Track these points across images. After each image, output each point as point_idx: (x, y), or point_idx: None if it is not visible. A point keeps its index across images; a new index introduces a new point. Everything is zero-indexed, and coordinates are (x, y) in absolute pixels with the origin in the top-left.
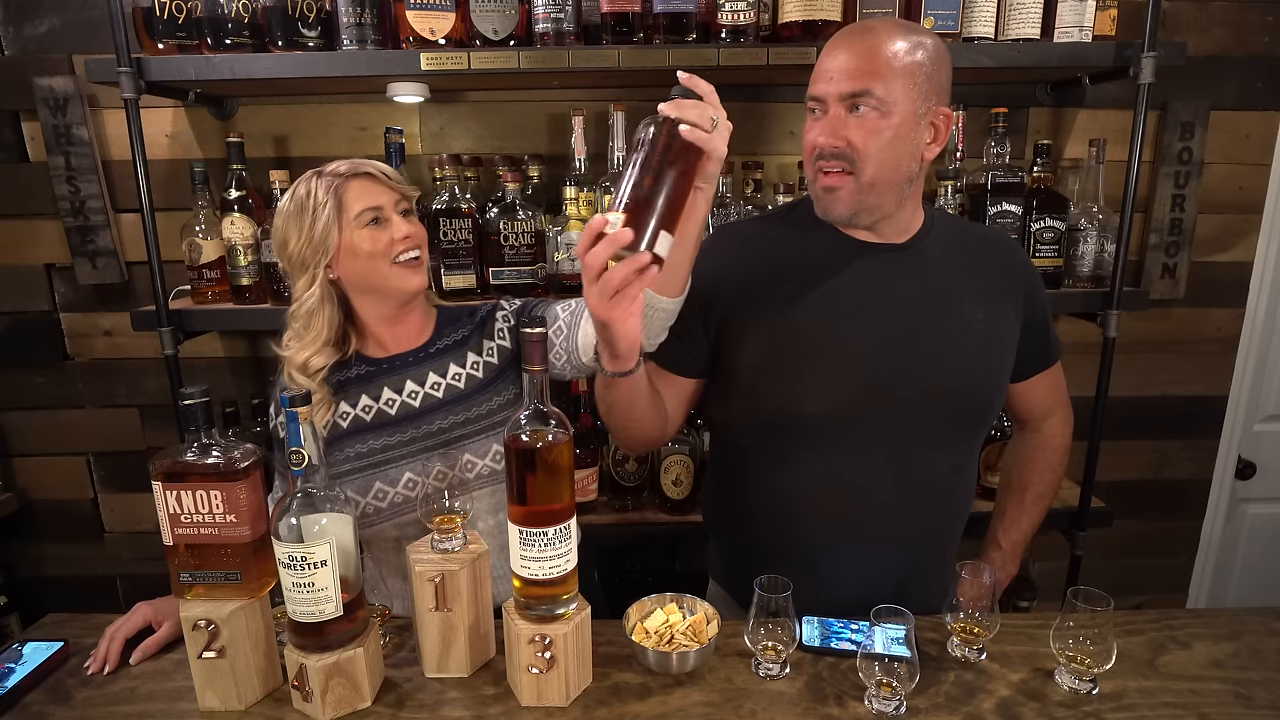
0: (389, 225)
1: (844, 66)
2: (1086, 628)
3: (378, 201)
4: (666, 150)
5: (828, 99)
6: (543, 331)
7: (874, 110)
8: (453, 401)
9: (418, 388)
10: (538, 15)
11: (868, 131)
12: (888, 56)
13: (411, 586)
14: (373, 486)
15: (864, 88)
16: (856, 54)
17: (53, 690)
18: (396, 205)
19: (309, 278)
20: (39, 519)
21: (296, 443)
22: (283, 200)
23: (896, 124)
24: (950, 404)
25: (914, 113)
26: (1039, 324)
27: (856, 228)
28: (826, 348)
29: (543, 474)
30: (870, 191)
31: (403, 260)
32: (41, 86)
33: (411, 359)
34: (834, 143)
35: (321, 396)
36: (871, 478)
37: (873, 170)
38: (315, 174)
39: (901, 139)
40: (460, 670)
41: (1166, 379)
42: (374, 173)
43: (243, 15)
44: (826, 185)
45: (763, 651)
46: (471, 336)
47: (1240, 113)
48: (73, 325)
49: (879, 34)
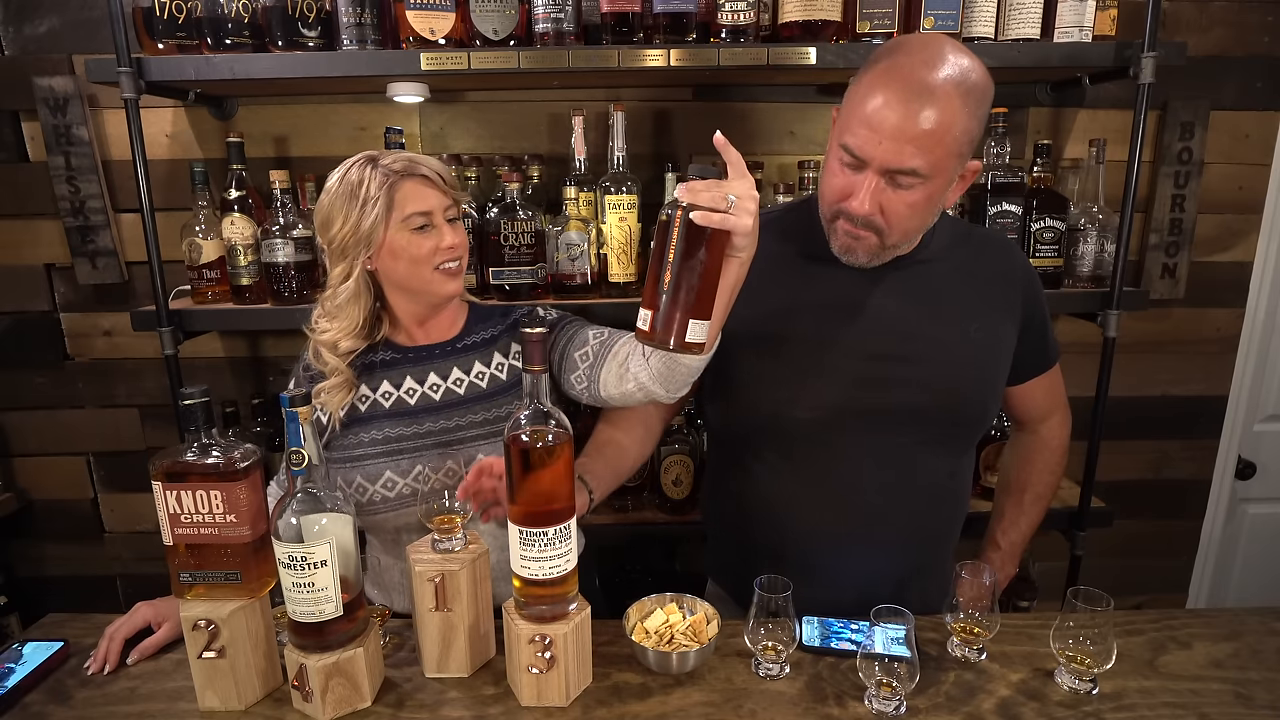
0: (436, 231)
1: (896, 133)
2: (1086, 628)
3: (429, 206)
4: (684, 239)
5: (869, 162)
6: (543, 331)
7: (917, 185)
8: (472, 400)
9: (440, 381)
10: (538, 15)
11: (905, 204)
12: (942, 124)
13: (411, 586)
14: (383, 474)
15: (912, 166)
16: (914, 125)
17: (53, 690)
18: (446, 211)
19: (346, 267)
20: (39, 519)
21: (296, 443)
22: (331, 179)
23: (933, 190)
24: (944, 412)
25: (951, 177)
26: (1037, 326)
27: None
28: (818, 354)
29: (543, 474)
30: (892, 249)
31: (443, 267)
32: (41, 86)
33: (438, 351)
34: (868, 212)
35: (345, 379)
36: (866, 482)
37: (898, 235)
38: (369, 161)
39: (933, 203)
40: (460, 670)
41: (1166, 379)
42: (429, 175)
43: (243, 15)
44: (849, 238)
45: (763, 651)
46: (500, 337)
47: (1240, 113)
48: (73, 325)
49: (940, 101)
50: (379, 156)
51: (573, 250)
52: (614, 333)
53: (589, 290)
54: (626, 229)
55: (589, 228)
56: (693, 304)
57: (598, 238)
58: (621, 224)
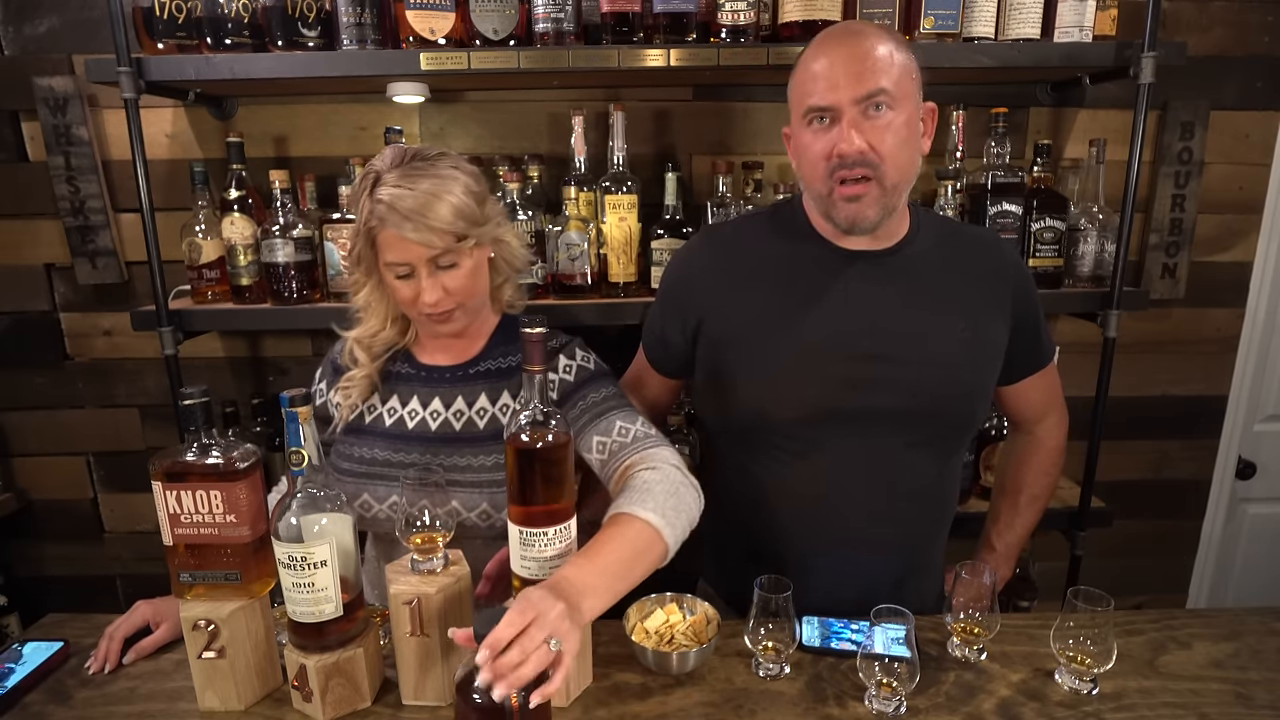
0: (416, 283)
1: (851, 69)
2: (1086, 628)
3: (408, 259)
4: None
5: (840, 105)
6: (543, 331)
7: (890, 109)
8: (463, 440)
9: (441, 409)
10: (538, 15)
11: (888, 132)
12: (886, 54)
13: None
14: (360, 496)
15: (879, 86)
16: (858, 55)
17: (53, 690)
18: (434, 259)
19: (361, 275)
20: (39, 519)
21: (296, 443)
22: (355, 181)
23: (906, 119)
24: (930, 414)
25: (916, 103)
26: (1030, 326)
27: (861, 234)
28: (801, 354)
29: (543, 474)
30: (894, 193)
31: (430, 314)
32: (41, 86)
33: (449, 375)
34: (859, 148)
35: (369, 378)
36: (852, 483)
37: (895, 173)
38: (373, 182)
39: (913, 135)
40: (438, 699)
41: (1166, 379)
42: (405, 235)
43: (243, 15)
44: (850, 195)
45: (763, 651)
46: (518, 371)
47: (1240, 113)
48: (73, 325)
49: (868, 35)
50: (383, 178)
51: (573, 250)
52: (637, 436)
53: (589, 290)
54: (626, 229)
55: (589, 228)
56: None
57: (598, 238)
58: (621, 224)
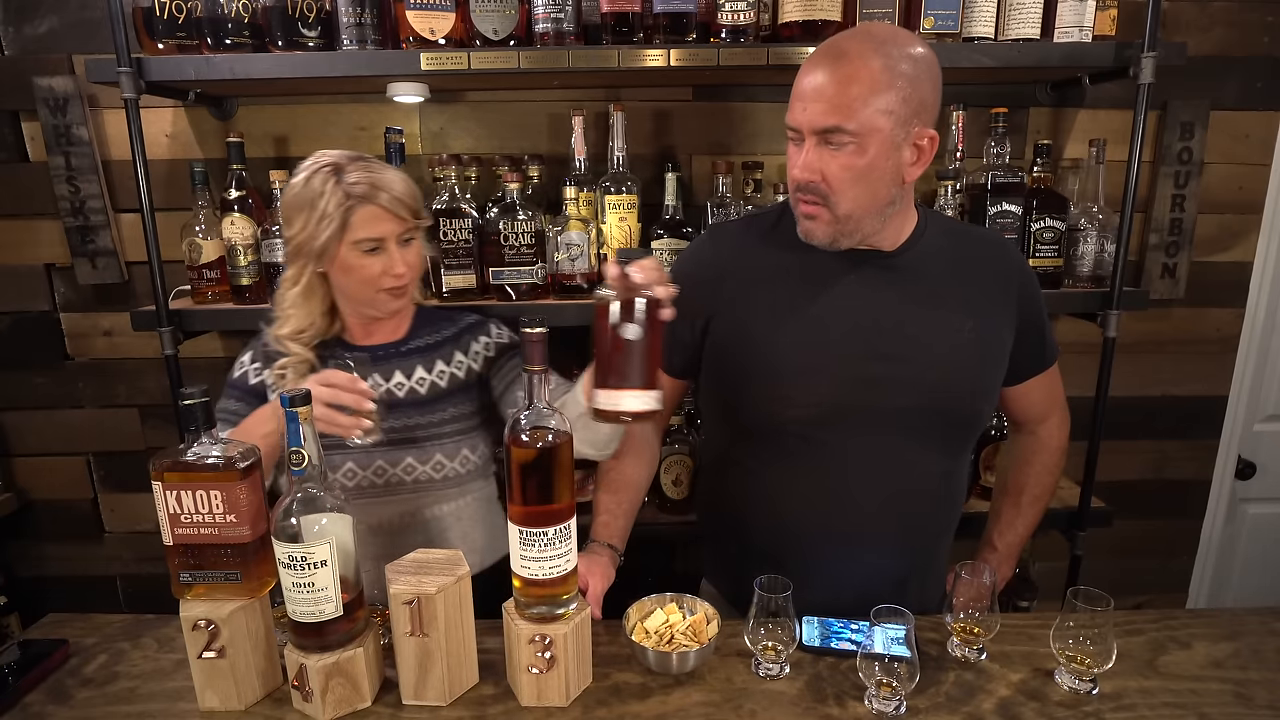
0: (387, 255)
1: (818, 97)
2: (1086, 628)
3: (382, 233)
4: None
5: (803, 130)
6: (543, 331)
7: (849, 144)
8: (434, 400)
9: (383, 382)
10: (538, 15)
11: (841, 166)
12: (863, 88)
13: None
14: (344, 465)
15: (835, 124)
16: (831, 83)
17: (53, 690)
18: (401, 235)
19: (298, 271)
20: (39, 519)
21: (296, 443)
22: (296, 177)
23: (872, 156)
24: (937, 414)
25: (891, 141)
26: (1034, 327)
27: (822, 249)
28: (808, 355)
29: (542, 474)
30: (847, 221)
31: (390, 289)
32: (41, 86)
33: (382, 352)
34: (809, 177)
35: (303, 358)
36: (859, 483)
37: (847, 205)
38: (334, 173)
39: (877, 170)
40: (438, 699)
41: (1166, 379)
42: (388, 206)
43: (243, 15)
44: (805, 214)
45: (763, 651)
46: (445, 344)
47: (1240, 113)
48: (73, 325)
49: (854, 60)
50: (345, 169)
51: (573, 250)
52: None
53: (589, 290)
54: (626, 229)
55: (589, 228)
56: (650, 376)
57: (598, 238)
58: (621, 224)
